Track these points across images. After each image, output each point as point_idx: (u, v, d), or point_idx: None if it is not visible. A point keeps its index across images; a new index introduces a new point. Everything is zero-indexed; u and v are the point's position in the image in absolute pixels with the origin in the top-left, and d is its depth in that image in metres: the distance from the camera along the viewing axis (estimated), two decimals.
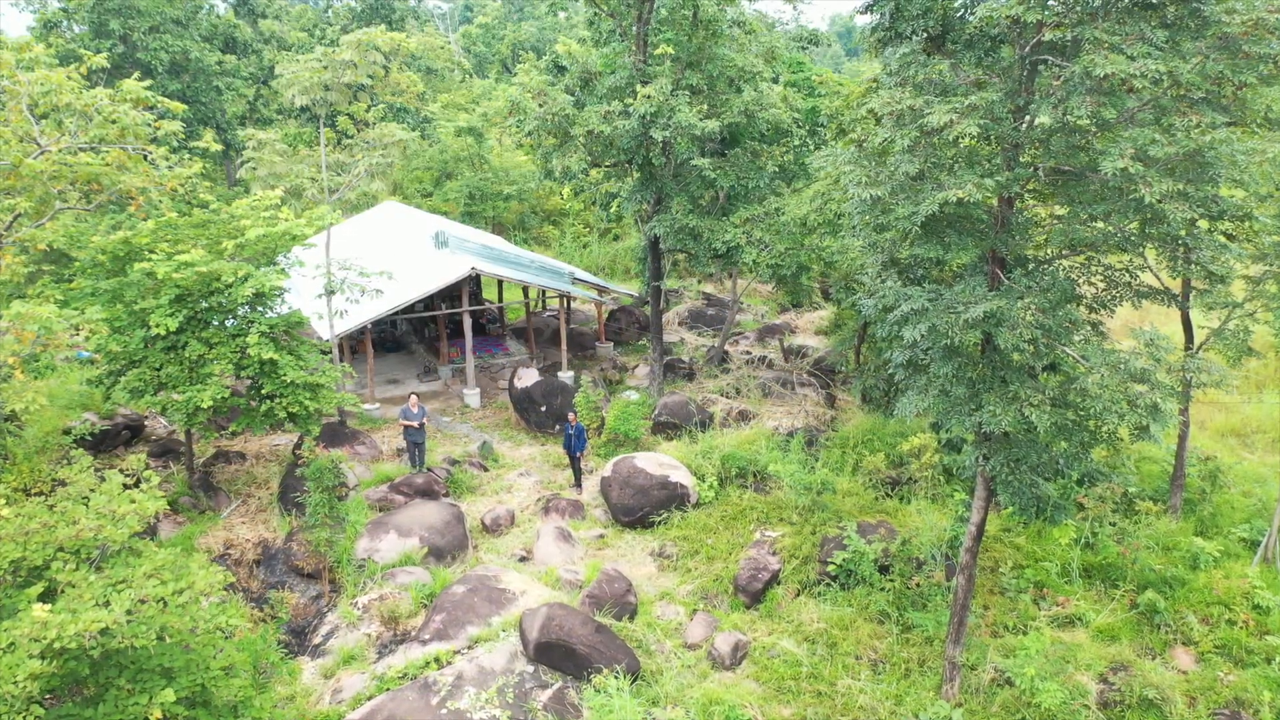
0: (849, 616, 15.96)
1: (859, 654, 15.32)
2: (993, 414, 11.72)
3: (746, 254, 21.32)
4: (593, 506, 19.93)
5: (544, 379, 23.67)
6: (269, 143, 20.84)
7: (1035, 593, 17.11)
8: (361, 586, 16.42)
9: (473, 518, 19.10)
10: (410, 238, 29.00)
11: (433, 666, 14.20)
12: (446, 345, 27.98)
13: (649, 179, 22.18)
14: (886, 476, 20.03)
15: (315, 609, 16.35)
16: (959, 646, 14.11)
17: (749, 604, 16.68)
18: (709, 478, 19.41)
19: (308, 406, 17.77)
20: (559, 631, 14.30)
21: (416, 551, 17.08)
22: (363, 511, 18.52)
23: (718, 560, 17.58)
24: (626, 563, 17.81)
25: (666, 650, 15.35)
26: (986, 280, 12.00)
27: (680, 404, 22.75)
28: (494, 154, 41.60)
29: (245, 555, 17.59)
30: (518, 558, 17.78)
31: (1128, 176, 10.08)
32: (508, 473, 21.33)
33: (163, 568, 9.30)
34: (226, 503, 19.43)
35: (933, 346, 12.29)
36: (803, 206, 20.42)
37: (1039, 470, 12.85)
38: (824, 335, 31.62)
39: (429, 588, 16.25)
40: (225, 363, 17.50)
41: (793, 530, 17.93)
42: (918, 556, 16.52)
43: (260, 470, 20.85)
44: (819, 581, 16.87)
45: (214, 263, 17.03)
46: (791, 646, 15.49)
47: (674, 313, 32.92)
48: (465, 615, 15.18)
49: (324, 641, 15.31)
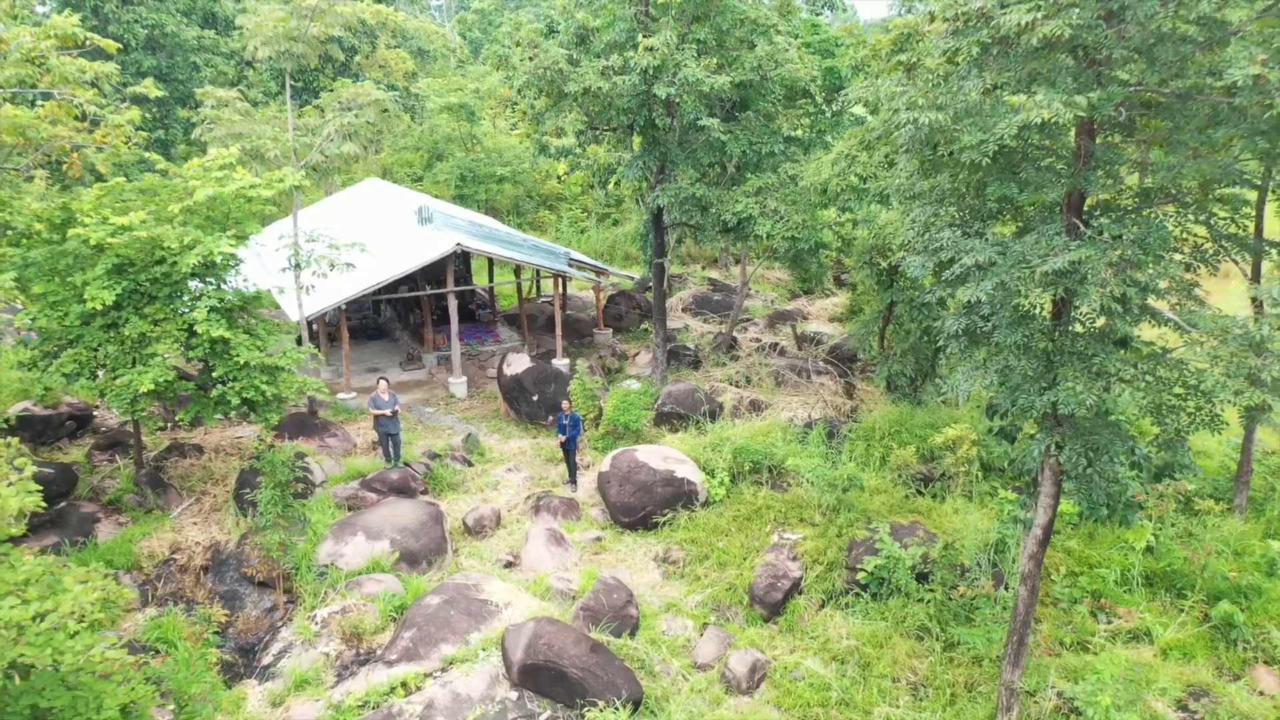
0: (883, 632, 13.85)
1: (896, 676, 13.20)
2: (1071, 392, 9.60)
3: (760, 225, 19.18)
4: (589, 505, 17.81)
5: (536, 365, 21.54)
6: (230, 101, 18.70)
7: (1092, 604, 15.03)
8: (322, 597, 14.30)
9: (454, 518, 16.98)
10: (393, 216, 26.87)
11: (399, 693, 12.08)
12: (432, 331, 25.85)
13: (652, 144, 20.04)
14: (918, 472, 17.91)
15: (269, 623, 14.22)
16: (1018, 669, 11.98)
17: (767, 617, 14.58)
18: (719, 473, 17.28)
19: (265, 392, 15.65)
20: (548, 651, 12.19)
21: (387, 557, 14.96)
22: (328, 511, 16.41)
23: (730, 566, 15.46)
24: (627, 569, 15.70)
25: (673, 672, 13.24)
26: (1064, 229, 9.87)
27: (686, 393, 20.62)
28: (488, 136, 39.46)
29: (193, 561, 15.47)
30: (503, 563, 15.67)
31: (1261, 89, 7.96)
32: (495, 468, 19.21)
33: (29, 582, 7.18)
34: (178, 501, 17.29)
35: (996, 312, 10.16)
36: (823, 171, 18.28)
37: (1121, 462, 10.74)
38: (839, 322, 29.50)
39: (399, 599, 14.14)
40: (170, 342, 15.38)
41: (815, 532, 15.81)
42: (962, 563, 14.39)
43: (220, 465, 18.71)
44: (847, 591, 14.76)
45: (156, 227, 14.93)
46: (817, 667, 13.37)
47: (678, 298, 30.79)
48: (439, 631, 13.05)
49: (274, 662, 13.19)
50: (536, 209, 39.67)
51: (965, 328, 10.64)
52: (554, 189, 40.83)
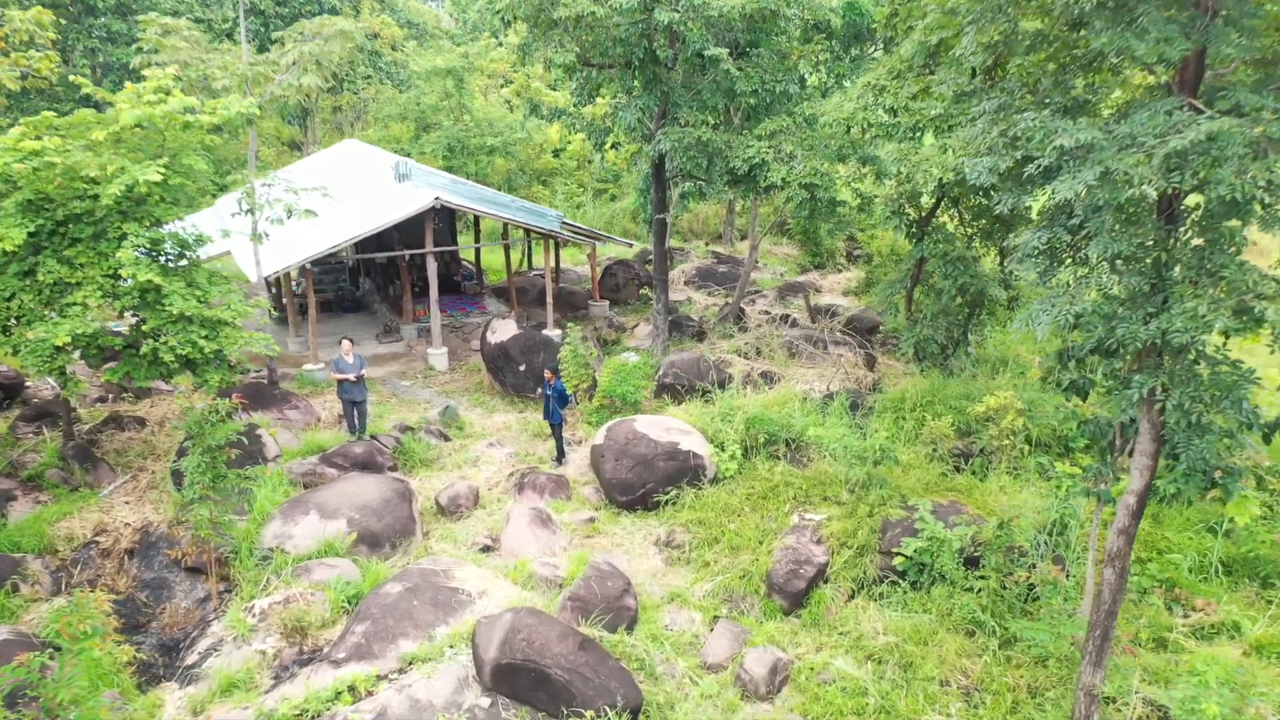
0: (927, 626, 11.67)
1: (945, 679, 11.03)
2: (1190, 315, 7.46)
3: (774, 172, 16.99)
4: (581, 483, 15.64)
5: (524, 332, 19.36)
6: (176, 28, 16.51)
7: (1164, 594, 12.89)
8: (264, 585, 12.11)
9: (425, 497, 14.82)
10: (370, 175, 24.67)
11: (345, 699, 9.90)
12: (412, 302, 23.69)
13: (653, 82, 17.85)
14: (954, 447, 15.76)
15: (200, 615, 12.04)
16: (1100, 670, 9.81)
17: (788, 609, 12.43)
18: (730, 446, 15.08)
19: (204, 348, 13.48)
20: (527, 648, 10.01)
21: (343, 538, 12.79)
22: (281, 489, 14.23)
23: (744, 551, 13.28)
24: (623, 554, 13.54)
25: (679, 673, 11.07)
26: (1183, 104, 7.69)
27: (691, 362, 18.44)
28: (477, 106, 37.21)
29: (119, 544, 13.30)
30: (479, 547, 13.50)
31: None
32: (475, 443, 17.02)
33: None
34: (111, 478, 15.12)
35: (1092, 216, 7.99)
36: (846, 106, 16.10)
37: (1234, 416, 8.59)
38: (854, 296, 27.31)
39: (355, 587, 11.97)
40: (93, 289, 13.24)
41: (842, 512, 13.63)
42: (1019, 545, 12.21)
43: (164, 440, 16.52)
44: (881, 579, 12.60)
45: (74, 155, 12.79)
46: (850, 668, 11.20)
47: (680, 271, 28.60)
48: (398, 624, 10.87)
49: (200, 661, 11.00)
50: (530, 184, 37.47)
51: (1048, 243, 8.47)
52: (549, 164, 38.62)
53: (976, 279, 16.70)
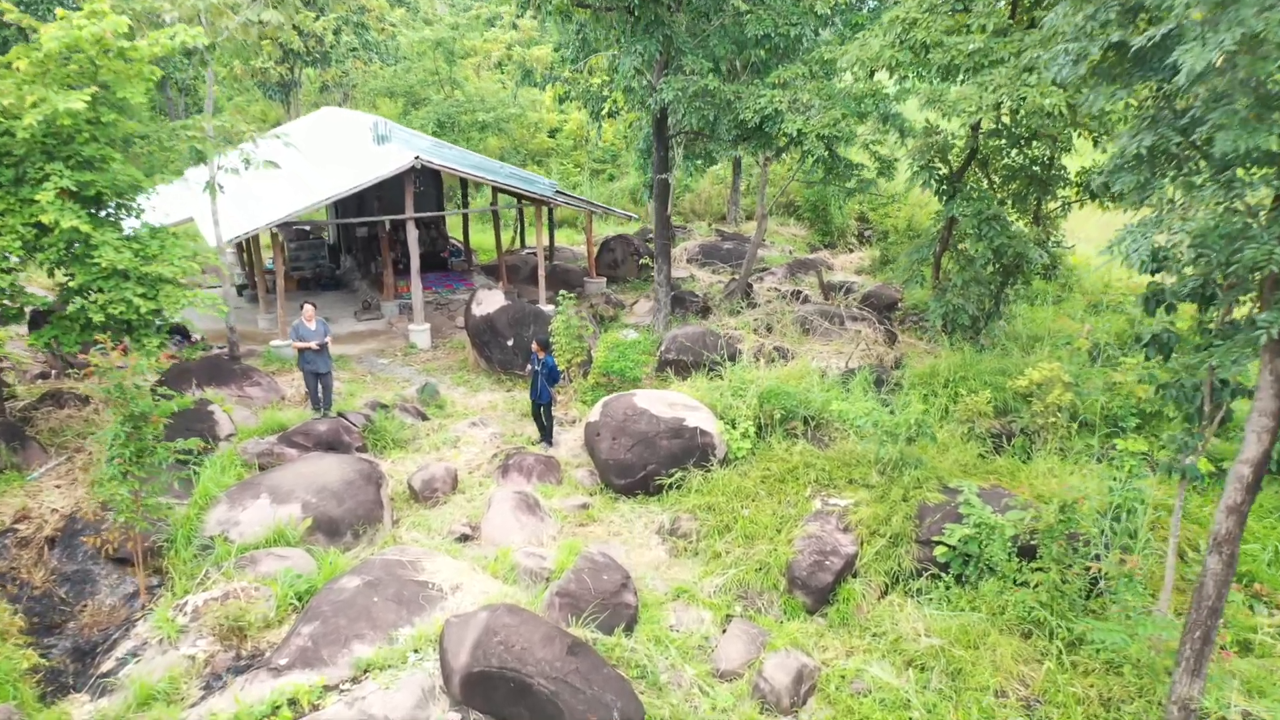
0: (977, 627, 9.95)
1: (1001, 689, 9.31)
2: None
3: (789, 122, 15.26)
4: (573, 466, 13.92)
5: (512, 304, 17.63)
6: None
7: (1243, 590, 11.18)
8: (200, 579, 10.38)
9: (397, 480, 13.10)
10: (349, 140, 22.96)
11: (283, 714, 8.16)
12: (394, 278, 21.96)
13: (654, 24, 16.12)
14: (992, 425, 14.06)
15: (125, 614, 10.30)
16: (1199, 680, 8.10)
17: (812, 607, 10.72)
18: (742, 423, 13.35)
19: (139, 308, 11.75)
20: (505, 653, 8.28)
21: (296, 525, 11.06)
22: (231, 469, 12.51)
23: (760, 540, 11.56)
24: (621, 544, 11.82)
25: (686, 682, 9.34)
26: None
27: (696, 335, 16.72)
28: (468, 80, 35.52)
29: (40, 532, 11.55)
30: (456, 536, 11.77)
31: None
32: (456, 423, 15.30)
33: None
34: (42, 459, 13.37)
35: (1215, 106, 6.28)
36: (871, 44, 14.37)
37: None
38: (867, 274, 25.61)
39: (307, 580, 10.24)
40: (13, 238, 11.51)
41: (872, 496, 11.90)
42: (1083, 533, 10.49)
43: (106, 420, 14.76)
44: (919, 572, 10.89)
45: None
46: (888, 676, 9.49)
47: (682, 248, 26.88)
48: (353, 625, 9.14)
49: (117, 668, 9.26)
50: (524, 164, 35.81)
51: (1155, 144, 6.75)
52: (544, 143, 36.93)
53: (1014, 239, 15.00)
